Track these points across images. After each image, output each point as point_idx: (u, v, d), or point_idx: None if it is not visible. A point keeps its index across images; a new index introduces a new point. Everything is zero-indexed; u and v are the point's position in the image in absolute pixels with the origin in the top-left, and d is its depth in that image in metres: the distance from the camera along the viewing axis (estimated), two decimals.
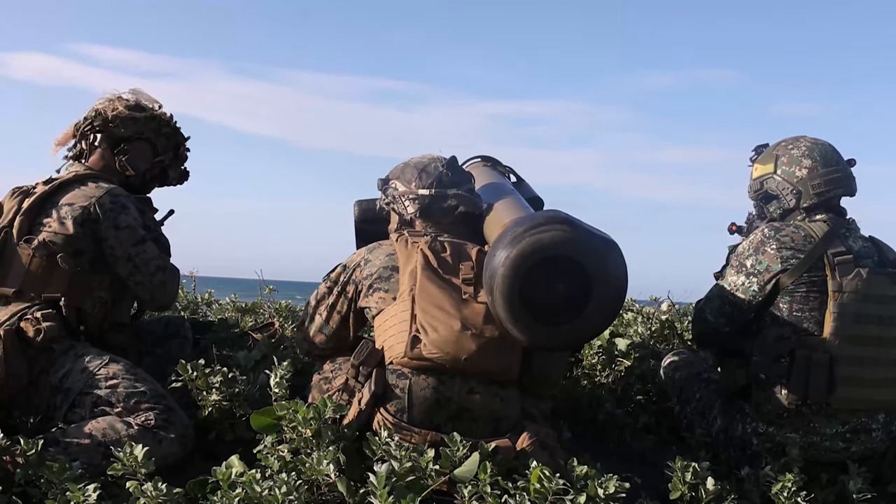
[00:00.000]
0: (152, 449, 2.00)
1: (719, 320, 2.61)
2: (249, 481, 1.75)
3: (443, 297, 2.09)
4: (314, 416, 1.94)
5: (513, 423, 2.13)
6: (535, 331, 1.96)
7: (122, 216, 2.47)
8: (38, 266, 2.43)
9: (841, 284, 2.39)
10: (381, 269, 2.27)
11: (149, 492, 1.73)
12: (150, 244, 2.54)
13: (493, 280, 1.93)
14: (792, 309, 2.45)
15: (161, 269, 2.54)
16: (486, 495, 1.76)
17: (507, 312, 1.93)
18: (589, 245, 1.93)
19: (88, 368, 2.31)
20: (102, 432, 2.18)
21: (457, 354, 2.03)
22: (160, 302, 2.65)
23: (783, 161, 2.60)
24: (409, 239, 2.26)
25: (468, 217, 2.41)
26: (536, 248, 1.90)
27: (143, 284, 2.52)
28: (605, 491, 1.79)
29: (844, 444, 2.45)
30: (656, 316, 3.87)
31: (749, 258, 2.52)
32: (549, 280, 1.93)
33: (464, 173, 2.50)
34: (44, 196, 2.49)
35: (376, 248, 2.36)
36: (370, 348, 2.14)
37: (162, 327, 2.85)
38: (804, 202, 2.56)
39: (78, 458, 2.07)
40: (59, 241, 2.42)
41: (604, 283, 1.93)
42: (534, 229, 1.91)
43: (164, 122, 2.73)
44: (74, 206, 2.45)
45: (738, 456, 2.51)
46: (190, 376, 2.34)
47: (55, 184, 2.52)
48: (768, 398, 2.47)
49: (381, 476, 1.70)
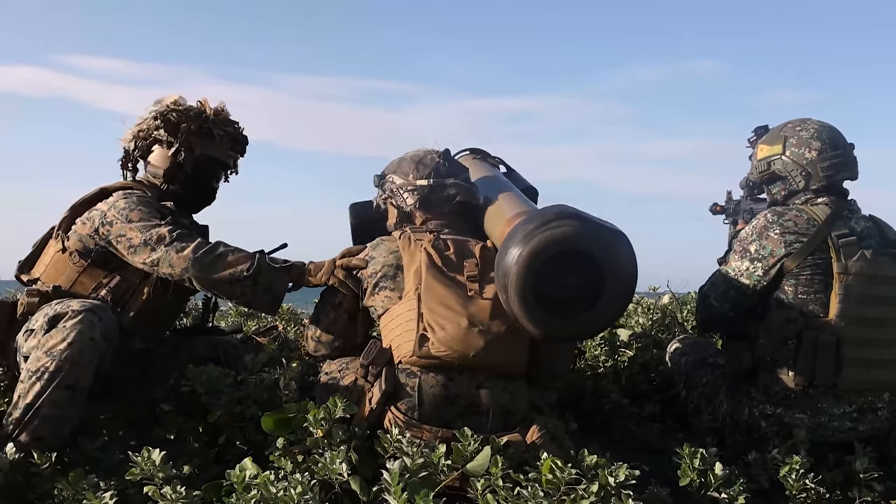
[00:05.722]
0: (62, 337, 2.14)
1: (724, 305, 2.63)
2: (264, 482, 1.76)
3: (449, 294, 2.10)
4: (325, 417, 1.96)
5: (521, 416, 2.15)
6: (550, 324, 1.98)
7: (134, 213, 2.46)
8: (57, 259, 2.55)
9: (846, 266, 2.41)
10: (386, 268, 2.28)
11: (168, 495, 1.74)
12: (165, 226, 2.43)
13: (506, 278, 1.95)
14: (797, 292, 2.47)
15: (180, 237, 2.38)
16: (498, 488, 1.78)
17: (522, 309, 1.95)
18: (599, 237, 1.96)
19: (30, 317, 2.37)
20: (27, 369, 2.18)
21: (465, 352, 2.04)
22: (202, 281, 2.35)
23: (792, 142, 2.61)
24: (411, 236, 2.27)
25: (466, 208, 2.43)
26: (549, 244, 1.92)
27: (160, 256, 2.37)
28: (616, 479, 1.81)
29: (852, 424, 2.47)
30: (657, 306, 3.90)
31: (753, 243, 2.54)
32: (561, 274, 1.96)
33: (459, 165, 2.53)
34: (88, 199, 2.59)
35: (379, 245, 2.37)
36: (378, 348, 2.15)
37: (204, 349, 2.75)
38: (813, 184, 2.58)
39: (29, 400, 2.12)
40: (73, 237, 2.52)
41: (615, 273, 1.97)
42: (544, 226, 1.93)
43: (157, 116, 2.66)
44: (99, 210, 2.52)
45: (745, 440, 2.53)
46: (199, 380, 2.36)
47: (99, 189, 2.61)
48: (776, 380, 2.49)
49: (394, 473, 1.72)
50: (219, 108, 2.71)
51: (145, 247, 2.40)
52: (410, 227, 2.36)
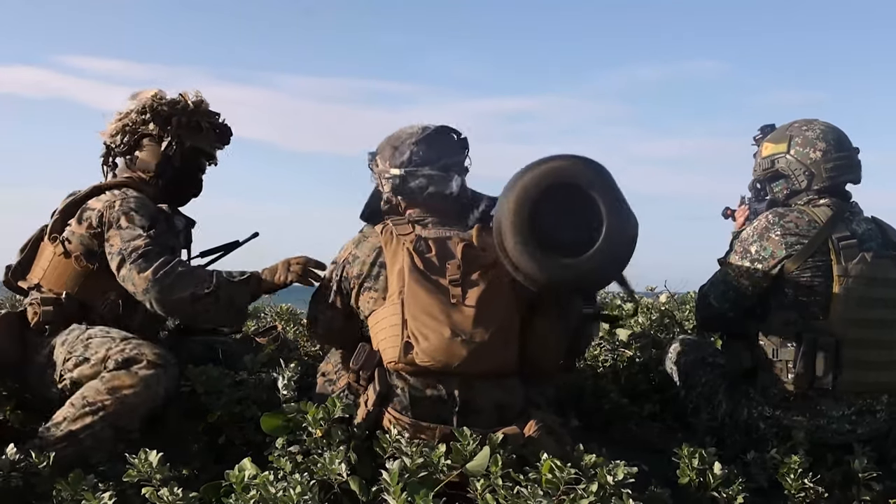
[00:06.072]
0: (132, 382, 2.16)
1: (723, 305, 2.63)
2: (263, 483, 1.75)
3: (432, 302, 2.08)
4: (324, 417, 1.96)
5: (517, 410, 2.14)
6: (545, 264, 1.94)
7: (124, 219, 2.44)
8: (58, 263, 2.52)
9: (846, 269, 2.41)
10: (369, 267, 2.25)
11: (165, 497, 1.74)
12: (145, 239, 2.40)
13: (500, 222, 1.94)
14: (797, 293, 2.47)
15: (141, 257, 2.35)
16: (498, 488, 1.78)
17: (516, 244, 1.91)
18: (599, 177, 1.93)
19: (69, 340, 2.38)
20: (82, 396, 2.20)
21: (449, 361, 2.04)
22: (163, 303, 2.35)
23: (797, 142, 2.60)
24: (393, 231, 2.23)
25: (446, 198, 2.32)
26: (539, 178, 1.89)
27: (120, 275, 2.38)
28: (615, 478, 1.81)
29: (850, 426, 2.47)
30: (655, 306, 3.90)
31: (754, 244, 2.54)
32: (557, 216, 1.92)
33: (443, 147, 2.34)
34: (79, 199, 2.56)
35: (362, 242, 2.32)
36: (368, 351, 2.14)
37: (202, 349, 2.76)
38: (815, 184, 2.57)
39: (72, 428, 2.13)
40: (74, 240, 2.50)
41: (615, 218, 1.92)
42: (533, 166, 1.93)
43: (144, 109, 2.63)
44: (95, 210, 2.49)
45: (744, 440, 2.53)
46: (199, 380, 2.36)
47: (91, 188, 2.58)
48: (775, 382, 2.49)
49: (393, 473, 1.72)
50: (199, 100, 2.70)
51: (118, 256, 2.39)
52: (392, 220, 2.29)
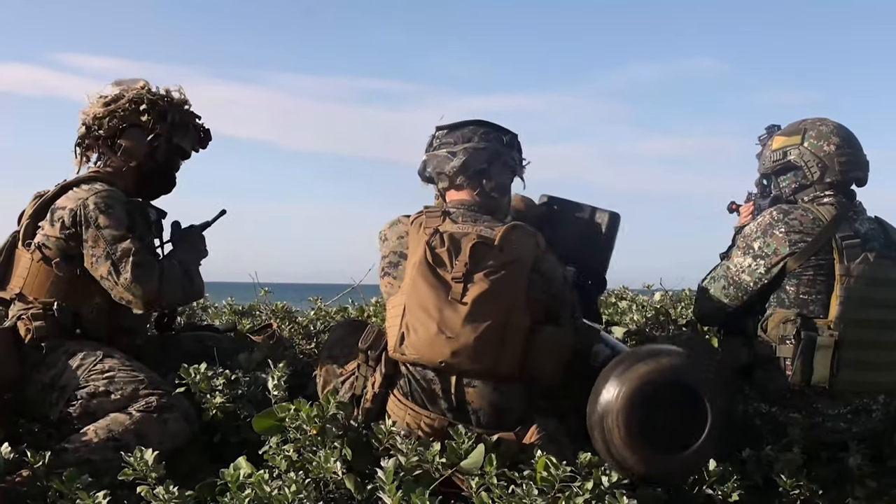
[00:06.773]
0: (160, 431, 2.13)
1: (723, 300, 2.63)
2: (258, 482, 1.75)
3: (429, 297, 2.07)
4: (318, 414, 1.96)
5: (517, 415, 2.12)
6: (651, 459, 1.94)
7: (103, 217, 2.39)
8: (37, 270, 2.44)
9: (848, 268, 2.41)
10: (391, 255, 2.28)
11: (160, 495, 1.73)
12: (133, 242, 2.40)
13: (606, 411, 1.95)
14: (798, 291, 2.46)
15: (138, 266, 2.36)
16: (493, 486, 1.77)
17: (624, 443, 1.93)
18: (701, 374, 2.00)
19: (84, 365, 2.34)
20: (107, 427, 2.20)
21: (433, 358, 2.04)
22: (146, 300, 2.40)
23: (812, 134, 2.60)
24: (423, 223, 2.22)
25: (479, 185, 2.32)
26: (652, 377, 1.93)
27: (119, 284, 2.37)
28: (610, 479, 1.80)
29: (846, 425, 2.46)
30: (650, 304, 3.90)
31: (757, 240, 2.53)
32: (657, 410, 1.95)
33: (458, 134, 2.36)
34: (48, 199, 2.49)
35: (395, 226, 2.32)
36: (376, 332, 2.17)
37: (195, 346, 2.73)
38: (828, 177, 2.56)
39: (91, 457, 2.11)
40: (51, 244, 2.42)
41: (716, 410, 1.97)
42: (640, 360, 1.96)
43: (140, 100, 2.57)
44: (66, 209, 2.42)
45: (740, 437, 2.53)
46: (193, 379, 2.35)
47: (58, 187, 2.51)
48: (772, 379, 2.48)
49: (388, 471, 1.71)
50: (184, 99, 2.67)
51: (106, 260, 2.36)
52: (428, 210, 2.28)
